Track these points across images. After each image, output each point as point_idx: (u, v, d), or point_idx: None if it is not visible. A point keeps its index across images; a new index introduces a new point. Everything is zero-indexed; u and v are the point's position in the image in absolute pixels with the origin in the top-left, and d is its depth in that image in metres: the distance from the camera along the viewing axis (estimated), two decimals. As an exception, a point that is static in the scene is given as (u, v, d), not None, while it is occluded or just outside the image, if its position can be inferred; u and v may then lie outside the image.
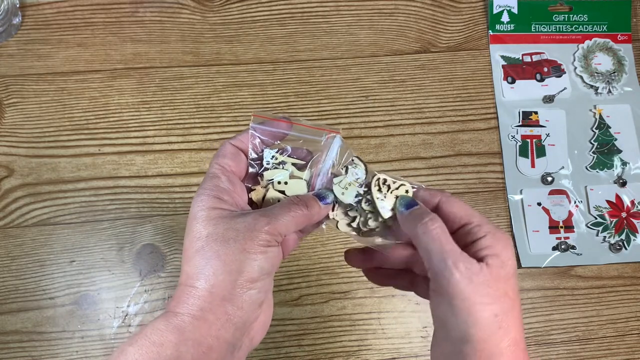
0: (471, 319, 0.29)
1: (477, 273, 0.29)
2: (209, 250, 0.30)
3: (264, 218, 0.31)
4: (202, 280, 0.30)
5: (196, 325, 0.29)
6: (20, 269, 0.58)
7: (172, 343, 0.28)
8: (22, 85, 0.63)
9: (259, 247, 0.30)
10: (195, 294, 0.29)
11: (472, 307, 0.29)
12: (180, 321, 0.29)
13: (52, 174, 0.61)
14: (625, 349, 0.60)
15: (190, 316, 0.29)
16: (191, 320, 0.29)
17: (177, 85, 0.64)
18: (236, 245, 0.30)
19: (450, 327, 0.30)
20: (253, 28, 0.67)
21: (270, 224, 0.31)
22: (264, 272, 0.31)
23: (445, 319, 0.30)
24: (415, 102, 0.66)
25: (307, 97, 0.65)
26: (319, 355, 0.58)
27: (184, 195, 0.61)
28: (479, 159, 0.64)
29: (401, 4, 0.69)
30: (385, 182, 0.35)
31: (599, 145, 0.65)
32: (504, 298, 0.30)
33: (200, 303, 0.29)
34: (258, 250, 0.30)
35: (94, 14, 0.66)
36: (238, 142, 0.35)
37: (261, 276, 0.31)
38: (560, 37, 0.69)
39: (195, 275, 0.30)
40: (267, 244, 0.31)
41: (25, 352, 0.56)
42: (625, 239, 0.62)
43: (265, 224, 0.31)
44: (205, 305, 0.29)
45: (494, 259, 0.30)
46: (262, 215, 0.31)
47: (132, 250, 0.59)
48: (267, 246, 0.31)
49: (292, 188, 0.35)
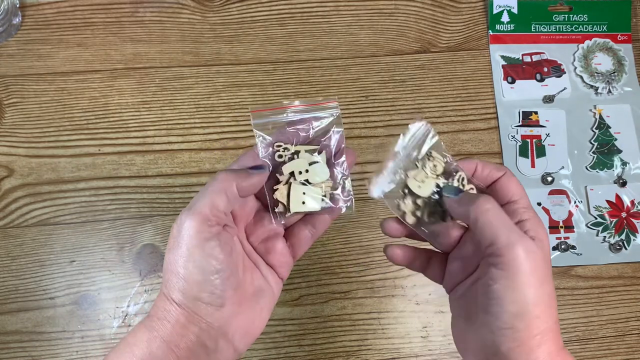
0: (531, 294, 0.30)
1: (535, 252, 0.30)
2: (165, 262, 0.33)
3: (185, 214, 0.31)
4: (164, 283, 0.32)
5: (162, 325, 0.31)
6: (20, 269, 0.58)
7: (144, 342, 0.31)
8: (22, 85, 0.63)
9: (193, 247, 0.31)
10: (161, 297, 0.32)
11: (533, 282, 0.30)
12: (150, 322, 0.31)
13: (52, 174, 0.61)
14: (625, 349, 0.60)
15: (157, 317, 0.31)
16: (158, 321, 0.31)
17: (177, 85, 0.64)
18: (176, 253, 0.31)
19: (507, 301, 0.30)
20: (253, 28, 0.67)
21: (190, 217, 0.31)
22: (208, 272, 0.31)
23: (503, 293, 0.30)
24: (415, 102, 0.66)
25: (307, 97, 0.65)
26: (319, 355, 0.58)
27: (184, 195, 0.61)
28: (479, 159, 0.64)
29: (401, 4, 0.69)
30: (462, 179, 0.36)
31: (599, 145, 0.65)
32: (550, 279, 0.31)
33: (164, 304, 0.31)
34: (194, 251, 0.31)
35: (94, 14, 0.66)
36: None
37: (205, 277, 0.31)
38: (560, 37, 0.69)
39: (164, 283, 0.32)
40: (201, 236, 0.31)
41: (25, 352, 0.56)
42: (625, 239, 0.62)
43: (186, 219, 0.31)
44: (167, 307, 0.31)
45: (539, 242, 0.32)
46: (184, 210, 0.32)
47: (132, 250, 0.59)
48: (202, 241, 0.31)
49: (315, 173, 0.35)
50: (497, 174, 0.35)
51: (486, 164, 0.36)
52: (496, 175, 0.35)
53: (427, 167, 0.36)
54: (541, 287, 0.30)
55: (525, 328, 0.30)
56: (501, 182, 0.35)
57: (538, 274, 0.30)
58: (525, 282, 0.30)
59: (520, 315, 0.30)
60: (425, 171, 0.36)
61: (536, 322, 0.30)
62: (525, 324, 0.30)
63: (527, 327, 0.30)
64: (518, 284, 0.30)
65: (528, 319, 0.30)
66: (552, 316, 0.31)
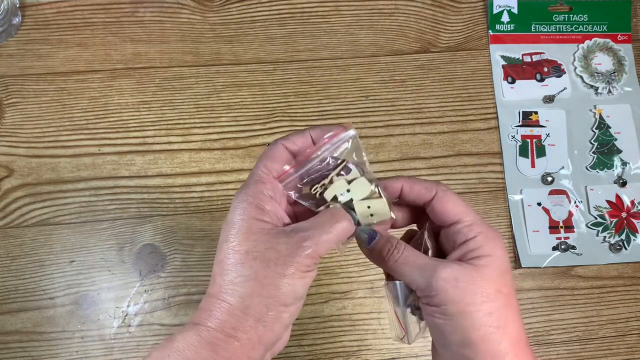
0: (466, 321, 0.29)
1: (461, 275, 0.30)
2: (247, 269, 0.29)
3: (307, 242, 0.30)
4: (236, 297, 0.29)
5: (229, 344, 0.28)
6: (20, 269, 0.58)
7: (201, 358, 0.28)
8: (22, 85, 0.63)
9: (299, 273, 0.29)
10: (228, 311, 0.29)
11: (464, 308, 0.29)
12: (213, 337, 0.28)
13: (52, 174, 0.61)
14: (625, 349, 0.60)
15: (223, 333, 0.28)
16: (224, 338, 0.28)
17: (177, 85, 0.64)
18: (276, 269, 0.29)
19: (447, 333, 0.30)
20: (253, 28, 0.67)
21: (313, 248, 0.30)
22: (298, 297, 0.30)
23: (442, 326, 0.30)
24: (415, 102, 0.66)
25: (307, 97, 0.65)
26: (319, 355, 0.58)
27: (184, 195, 0.61)
28: (479, 159, 0.64)
29: (401, 4, 0.69)
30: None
31: (599, 145, 0.65)
32: (497, 295, 0.30)
33: (234, 321, 0.29)
34: (297, 276, 0.29)
35: (94, 14, 0.66)
36: (290, 143, 0.33)
37: (295, 301, 0.30)
38: (560, 37, 0.69)
39: (229, 291, 0.29)
40: (307, 269, 0.30)
41: (25, 352, 0.56)
42: (625, 239, 0.62)
43: (308, 248, 0.30)
44: (239, 325, 0.29)
45: (484, 259, 0.30)
46: (304, 238, 0.30)
47: (132, 250, 0.59)
48: (306, 271, 0.30)
49: (356, 190, 0.34)
50: (427, 195, 0.33)
51: (415, 183, 0.33)
52: (427, 196, 0.33)
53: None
54: (478, 310, 0.29)
55: (475, 355, 0.29)
56: (436, 204, 0.33)
57: (471, 299, 0.29)
58: (457, 310, 0.29)
59: (465, 344, 0.29)
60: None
61: (485, 346, 0.29)
62: (473, 350, 0.29)
63: (477, 353, 0.29)
64: (450, 313, 0.29)
65: (474, 345, 0.29)
66: (507, 335, 0.29)
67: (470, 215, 0.32)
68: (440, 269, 0.30)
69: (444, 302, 0.29)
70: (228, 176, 0.62)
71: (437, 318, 0.30)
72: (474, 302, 0.29)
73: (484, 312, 0.29)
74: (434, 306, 0.30)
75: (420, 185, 0.33)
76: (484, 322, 0.29)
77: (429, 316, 0.31)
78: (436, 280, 0.30)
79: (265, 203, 0.31)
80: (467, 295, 0.29)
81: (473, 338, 0.29)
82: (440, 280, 0.30)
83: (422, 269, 0.31)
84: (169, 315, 0.58)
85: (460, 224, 0.32)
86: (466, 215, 0.32)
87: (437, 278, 0.30)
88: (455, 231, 0.32)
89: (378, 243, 0.33)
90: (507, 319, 0.30)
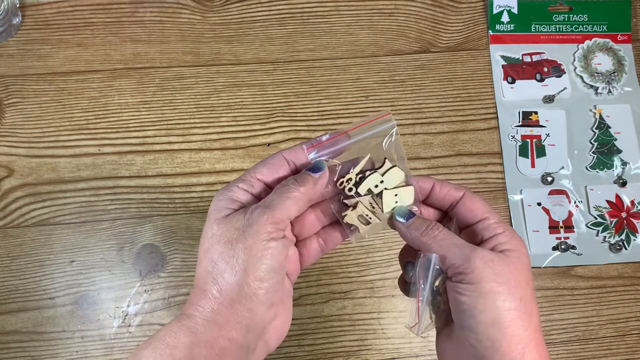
0: (499, 301, 0.30)
1: (495, 261, 0.31)
2: (214, 252, 0.30)
3: (260, 209, 0.31)
4: (210, 282, 0.30)
5: (207, 327, 0.29)
6: (20, 269, 0.58)
7: (186, 345, 0.29)
8: (22, 85, 0.63)
9: (261, 242, 0.30)
10: (205, 296, 0.30)
11: (498, 288, 0.30)
12: (192, 323, 0.30)
13: (52, 174, 0.61)
14: (625, 349, 0.60)
15: (202, 318, 0.30)
16: (203, 322, 0.30)
17: (177, 85, 0.64)
18: (238, 245, 0.30)
19: (478, 311, 0.30)
20: (253, 28, 0.67)
21: (267, 213, 0.30)
22: (270, 270, 0.30)
23: (473, 304, 0.30)
24: (415, 102, 0.66)
25: (307, 97, 0.65)
26: (319, 355, 0.58)
27: (184, 195, 0.61)
28: (479, 159, 0.64)
29: (401, 4, 0.69)
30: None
31: (599, 145, 0.65)
32: (526, 285, 0.31)
33: (211, 305, 0.30)
34: (260, 246, 0.30)
35: (94, 14, 0.66)
36: (290, 153, 0.34)
37: (267, 274, 0.30)
38: (560, 37, 0.69)
39: (204, 278, 0.31)
40: (269, 236, 0.30)
41: (25, 352, 0.56)
42: (625, 239, 0.62)
43: (262, 214, 0.30)
44: (215, 307, 0.30)
45: (514, 252, 0.32)
46: (258, 207, 0.31)
47: (132, 250, 0.59)
48: (269, 239, 0.30)
49: (390, 179, 0.35)
50: (456, 194, 0.35)
51: (444, 184, 0.36)
52: (455, 195, 0.35)
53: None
54: (511, 293, 0.30)
55: (503, 337, 0.30)
56: (465, 204, 0.35)
57: (506, 281, 0.30)
58: (491, 289, 0.30)
59: (494, 324, 0.30)
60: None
61: (513, 330, 0.30)
62: (502, 332, 0.30)
63: (505, 336, 0.30)
64: (485, 291, 0.30)
65: (503, 327, 0.30)
66: (532, 324, 0.30)
67: (496, 215, 0.34)
68: (478, 250, 0.31)
69: (480, 280, 0.30)
70: (228, 176, 0.62)
71: (468, 296, 0.31)
72: (508, 284, 0.30)
73: (517, 296, 0.30)
74: (468, 283, 0.31)
75: (450, 185, 0.36)
76: (514, 306, 0.30)
77: (459, 295, 0.31)
78: (475, 258, 0.31)
79: (238, 195, 0.32)
80: (502, 277, 0.30)
81: (504, 319, 0.30)
82: (478, 259, 0.31)
83: (461, 247, 0.32)
84: (169, 315, 0.58)
85: (488, 221, 0.34)
86: (492, 215, 0.34)
87: (476, 257, 0.31)
88: (484, 227, 0.34)
89: (416, 220, 0.34)
90: (533, 309, 0.31)
